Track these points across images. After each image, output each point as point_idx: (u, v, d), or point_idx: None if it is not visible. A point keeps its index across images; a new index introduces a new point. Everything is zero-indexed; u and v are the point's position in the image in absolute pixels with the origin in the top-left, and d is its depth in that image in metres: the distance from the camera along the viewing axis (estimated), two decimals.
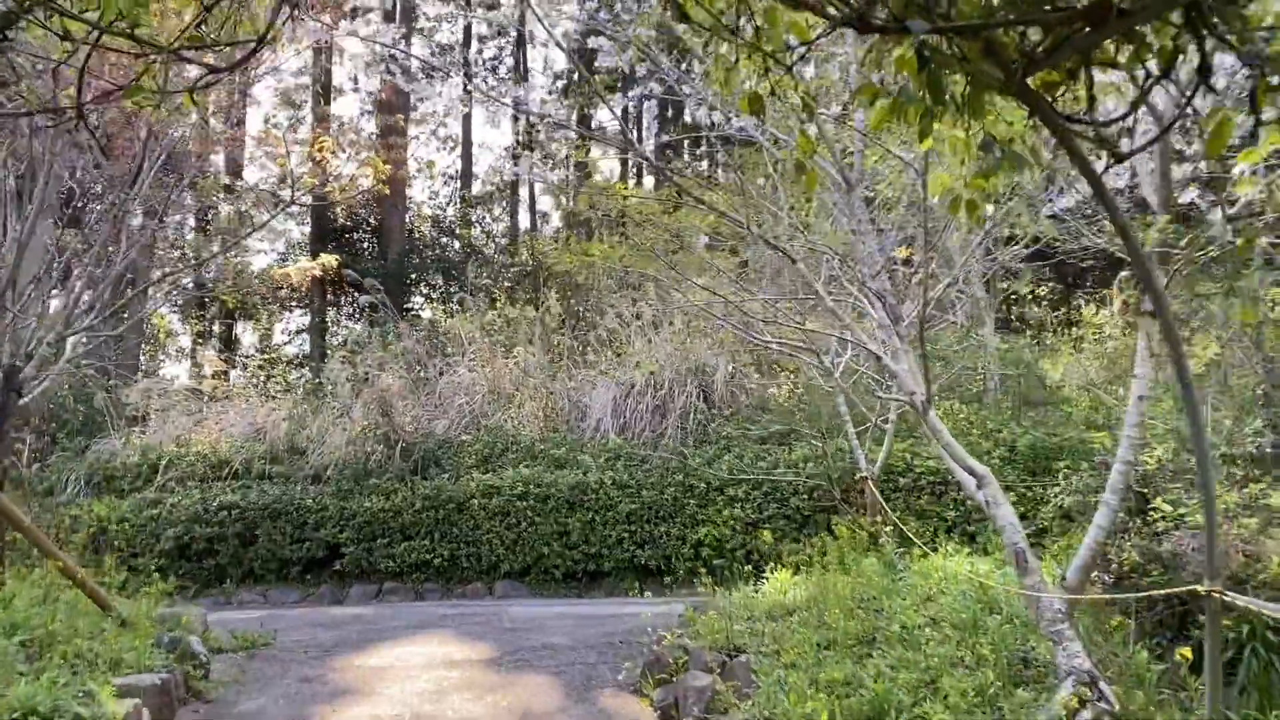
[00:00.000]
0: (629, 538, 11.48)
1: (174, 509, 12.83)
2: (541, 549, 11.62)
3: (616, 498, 11.57)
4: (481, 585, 11.95)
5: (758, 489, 11.24)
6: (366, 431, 13.06)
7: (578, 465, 12.20)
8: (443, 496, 12.12)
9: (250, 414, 14.56)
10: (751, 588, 7.50)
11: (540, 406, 13.74)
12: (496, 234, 31.83)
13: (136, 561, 12.80)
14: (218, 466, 13.72)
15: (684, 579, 11.43)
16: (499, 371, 14.38)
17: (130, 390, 14.64)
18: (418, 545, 12.10)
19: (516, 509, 11.77)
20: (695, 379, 12.96)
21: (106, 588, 12.99)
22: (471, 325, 15.73)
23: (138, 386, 14.62)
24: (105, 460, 14.08)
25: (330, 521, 12.47)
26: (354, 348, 15.08)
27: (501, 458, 12.77)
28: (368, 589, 12.34)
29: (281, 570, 12.69)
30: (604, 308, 15.15)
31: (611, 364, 13.93)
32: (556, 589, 11.63)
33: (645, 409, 12.70)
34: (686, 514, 11.43)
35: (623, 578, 11.63)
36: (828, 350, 7.96)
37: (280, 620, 8.84)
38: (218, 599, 12.62)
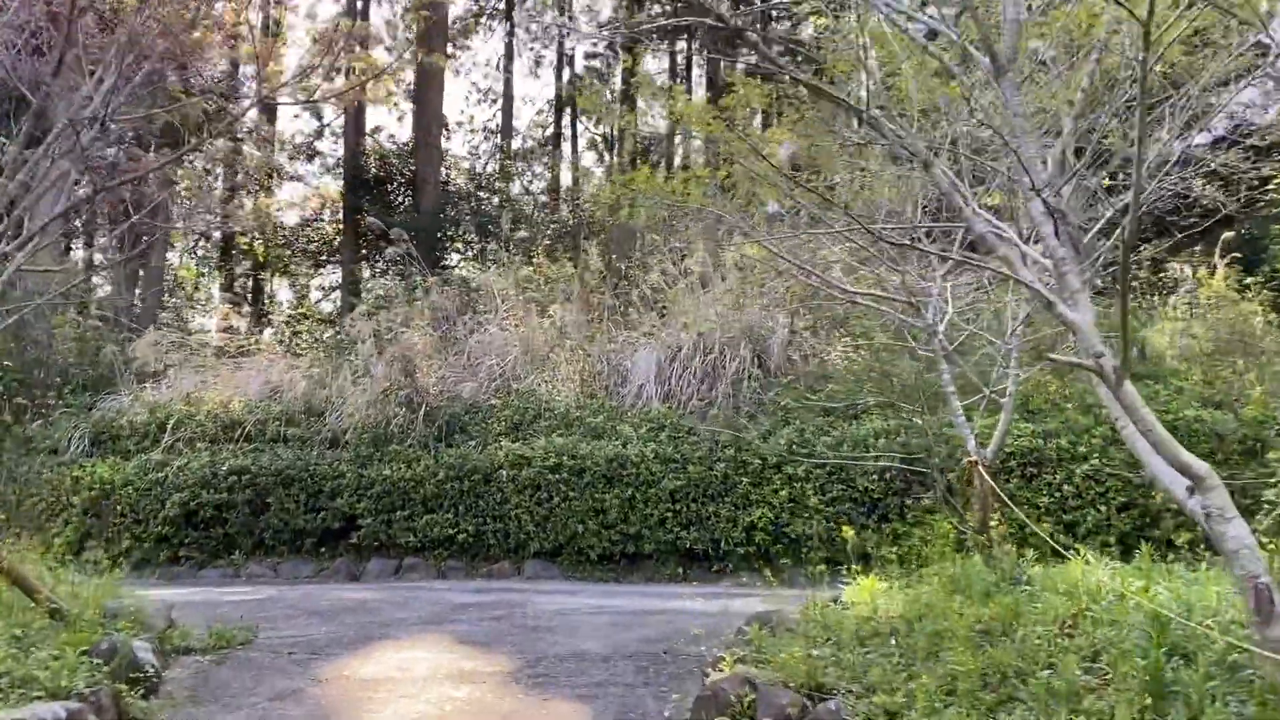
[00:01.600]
0: (673, 518, 10.28)
1: (181, 472, 11.86)
2: (575, 527, 10.46)
3: (659, 473, 10.37)
4: (509, 565, 10.83)
5: (821, 467, 9.97)
6: (388, 393, 11.95)
7: (617, 436, 10.99)
8: (468, 466, 10.99)
9: (267, 372, 13.51)
10: (828, 593, 6.22)
11: (577, 370, 12.54)
12: (537, 191, 30.61)
13: (140, 529, 11.88)
14: (230, 427, 12.72)
15: (735, 566, 10.23)
16: (533, 331, 13.18)
17: (138, 343, 13.64)
18: (440, 519, 11.00)
19: (548, 482, 10.61)
20: (749, 342, 11.67)
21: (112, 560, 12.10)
22: (505, 281, 14.53)
23: (145, 340, 13.61)
24: (111, 418, 13.14)
25: (347, 490, 11.42)
26: (378, 302, 13.95)
27: (533, 425, 11.60)
28: (386, 564, 11.28)
29: (295, 541, 11.69)
30: (648, 264, 13.86)
31: (655, 325, 12.67)
32: (590, 571, 10.48)
33: (693, 375, 11.44)
34: (738, 493, 10.19)
35: (664, 562, 10.45)
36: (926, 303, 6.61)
37: (276, 606, 7.77)
38: (225, 571, 11.67)
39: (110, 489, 12.00)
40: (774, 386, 11.27)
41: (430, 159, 21.98)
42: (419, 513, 11.12)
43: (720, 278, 12.28)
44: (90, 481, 12.10)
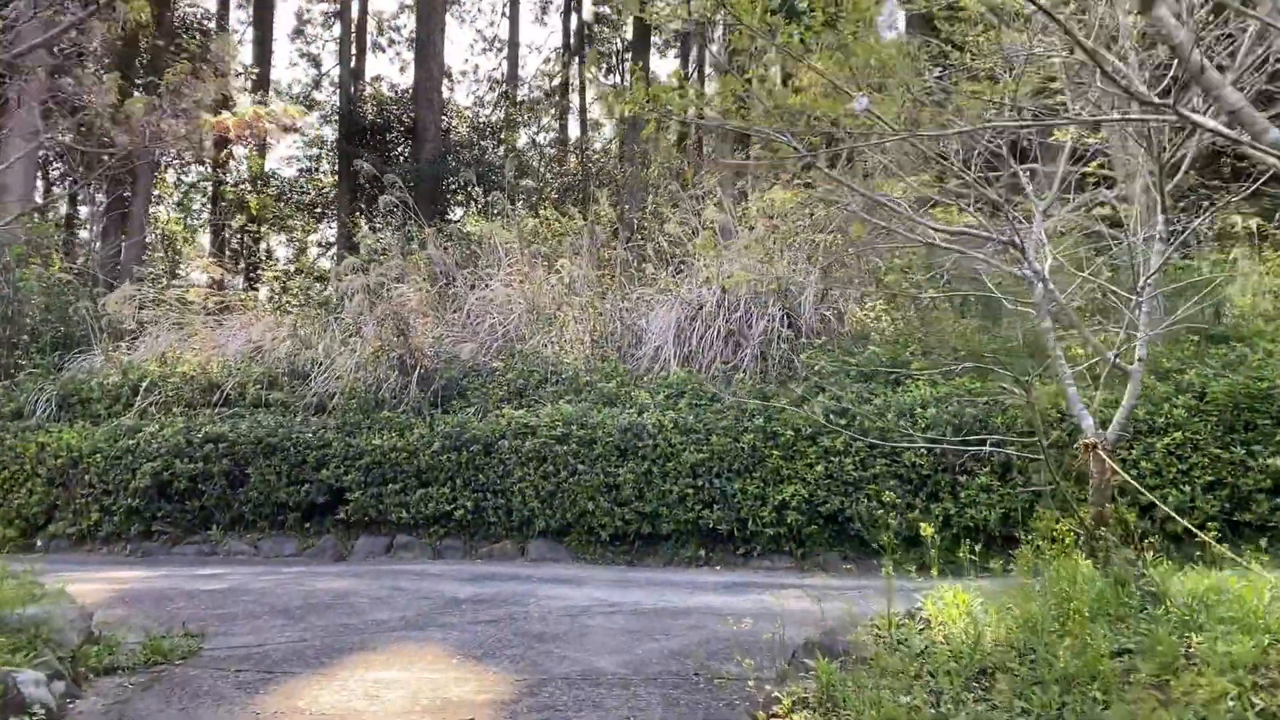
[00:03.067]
0: (694, 494, 9.19)
1: (153, 440, 10.79)
2: (585, 504, 9.38)
3: (679, 444, 9.26)
4: (511, 545, 9.78)
5: (861, 439, 8.85)
6: (379, 354, 10.85)
7: (631, 403, 9.88)
8: (466, 435, 9.90)
9: (249, 330, 12.41)
10: (900, 610, 5.11)
11: (587, 329, 11.41)
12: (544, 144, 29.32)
13: (109, 501, 10.85)
14: (207, 390, 11.66)
15: (763, 548, 9.16)
16: (539, 287, 12.04)
17: (108, 298, 12.53)
18: (436, 494, 9.93)
19: (555, 454, 9.52)
20: (778, 300, 10.51)
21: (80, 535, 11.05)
22: (510, 233, 13.36)
23: (116, 294, 12.50)
24: (81, 380, 12.07)
25: (334, 460, 10.35)
26: (370, 256, 12.80)
27: (538, 390, 10.49)
28: (376, 543, 10.25)
29: (276, 516, 10.64)
30: (664, 214, 12.66)
31: (673, 280, 11.51)
32: (601, 553, 9.43)
33: (716, 335, 10.31)
34: (768, 467, 9.09)
35: (684, 543, 9.38)
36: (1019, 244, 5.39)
37: (240, 600, 6.71)
38: (202, 548, 10.66)
39: (78, 457, 10.97)
40: (806, 348, 10.12)
41: (431, 105, 20.70)
42: (412, 486, 10.06)
43: (747, 228, 11.08)
44: (56, 449, 11.07)
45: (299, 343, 11.98)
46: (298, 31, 31.19)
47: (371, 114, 21.98)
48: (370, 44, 30.81)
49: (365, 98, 22.73)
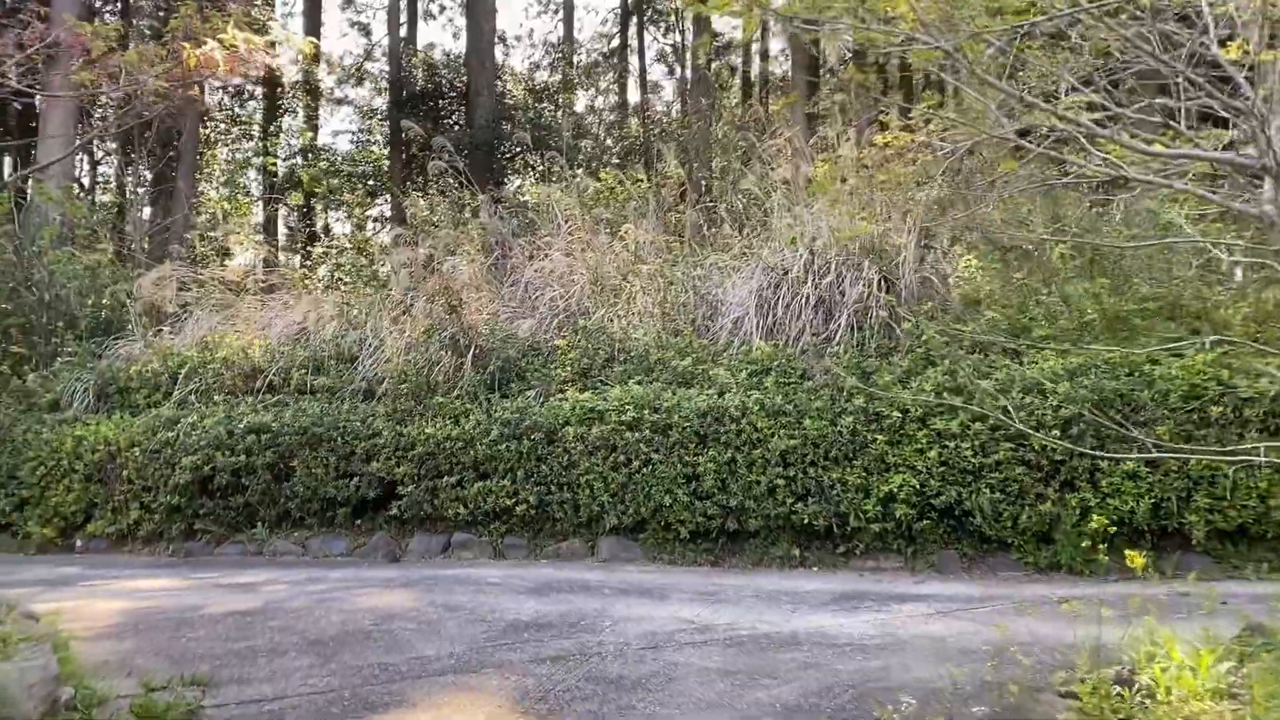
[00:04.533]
0: (785, 485, 8.06)
1: (192, 431, 9.97)
2: (661, 498, 8.31)
3: (766, 429, 8.13)
4: (580, 543, 8.77)
5: (980, 419, 7.62)
6: (429, 333, 9.86)
7: (710, 382, 8.76)
8: (527, 422, 8.88)
9: (294, 310, 11.53)
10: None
11: (656, 301, 10.29)
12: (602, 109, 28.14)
13: (149, 498, 10.08)
14: (250, 376, 10.80)
15: (868, 546, 8.00)
16: (603, 255, 10.93)
17: (142, 280, 11.74)
18: (495, 486, 8.94)
19: (626, 442, 8.45)
20: (873, 262, 9.27)
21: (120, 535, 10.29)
22: (569, 198, 12.25)
23: (150, 276, 11.69)
24: (120, 368, 11.30)
25: (384, 452, 9.41)
26: (420, 226, 11.81)
27: (605, 370, 9.42)
28: (432, 541, 9.33)
29: (325, 513, 9.76)
30: (738, 170, 11.44)
31: (752, 243, 10.32)
32: (681, 552, 8.36)
33: (804, 303, 9.11)
34: (871, 454, 7.92)
35: (775, 540, 8.26)
36: None
37: (266, 627, 5.77)
38: (246, 547, 9.85)
39: (115, 451, 10.21)
40: (908, 317, 8.87)
41: (484, 67, 19.60)
42: (469, 479, 9.09)
43: (839, 178, 9.81)
44: (94, 442, 10.32)
45: (346, 323, 11.08)
46: (348, 2, 30.35)
47: (422, 80, 21.02)
48: (422, 11, 29.85)
49: (416, 63, 21.76)
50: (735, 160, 11.84)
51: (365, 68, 29.32)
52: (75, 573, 8.85)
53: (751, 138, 11.99)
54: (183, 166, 16.59)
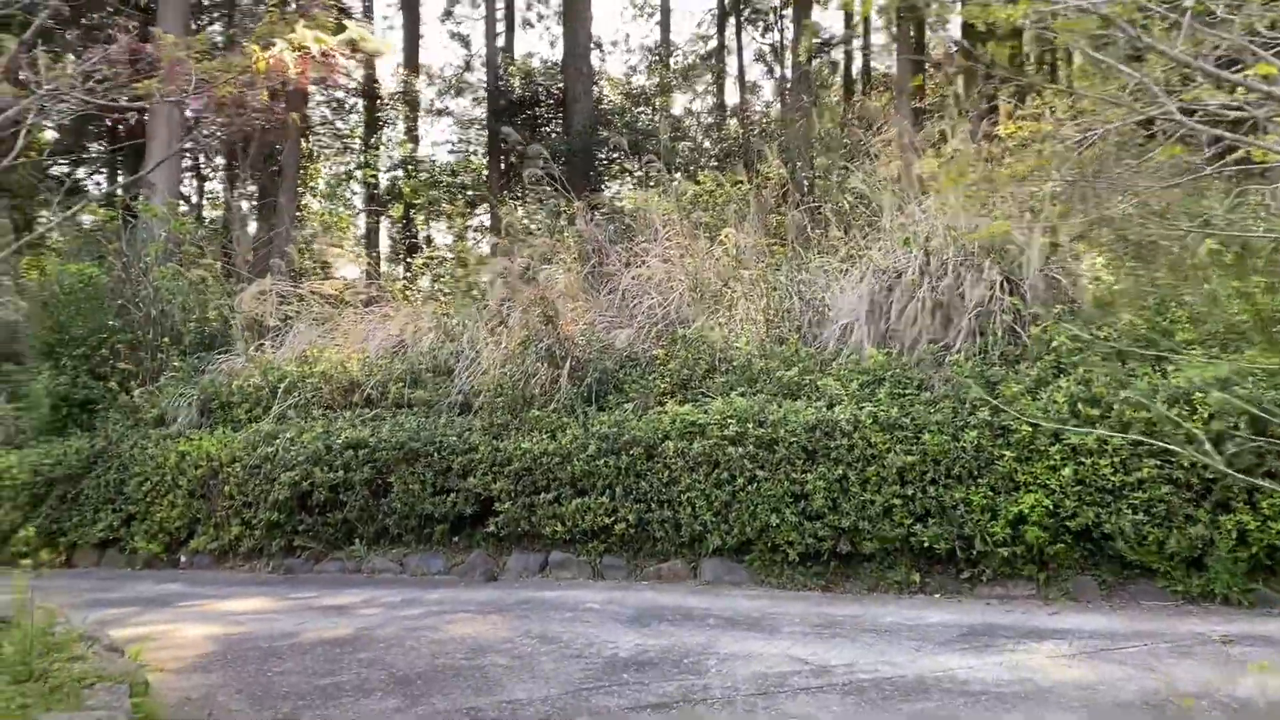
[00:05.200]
0: (902, 505, 7.48)
1: (291, 446, 9.91)
2: (767, 517, 7.81)
3: (881, 444, 7.56)
4: (682, 564, 8.34)
5: (1120, 433, 6.91)
6: (525, 345, 9.58)
7: (818, 394, 8.24)
8: (625, 437, 8.50)
9: (391, 323, 11.42)
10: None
11: (759, 307, 9.81)
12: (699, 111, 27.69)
13: (250, 514, 10.05)
14: (348, 390, 10.72)
15: (995, 572, 7.36)
16: (702, 261, 10.49)
17: (244, 295, 11.79)
18: (593, 504, 8.59)
19: (729, 458, 7.99)
20: (995, 262, 8.60)
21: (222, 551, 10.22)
22: (667, 203, 11.85)
23: (251, 290, 11.74)
24: (222, 383, 11.36)
25: (480, 467, 9.16)
26: (517, 235, 11.58)
27: (706, 381, 8.98)
28: (530, 560, 9.03)
29: (422, 529, 9.57)
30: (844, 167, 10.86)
31: (861, 244, 9.74)
32: (790, 576, 7.85)
33: (920, 307, 8.50)
34: (998, 472, 7.28)
35: (891, 564, 7.68)
36: None
37: (354, 658, 5.50)
38: (346, 565, 9.73)
39: (217, 466, 10.23)
40: (1036, 320, 8.19)
41: (580, 73, 19.39)
42: (567, 496, 8.76)
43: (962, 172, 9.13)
44: (196, 458, 10.36)
45: (443, 335, 10.91)
46: (447, 13, 30.64)
47: (519, 88, 20.96)
48: (519, 20, 29.94)
49: (513, 71, 21.72)
50: (840, 158, 11.25)
51: (464, 78, 29.54)
52: (176, 591, 8.84)
53: (857, 133, 11.40)
54: (285, 181, 16.82)
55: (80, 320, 11.81)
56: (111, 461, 10.91)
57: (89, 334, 11.75)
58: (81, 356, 11.77)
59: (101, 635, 5.08)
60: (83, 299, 11.82)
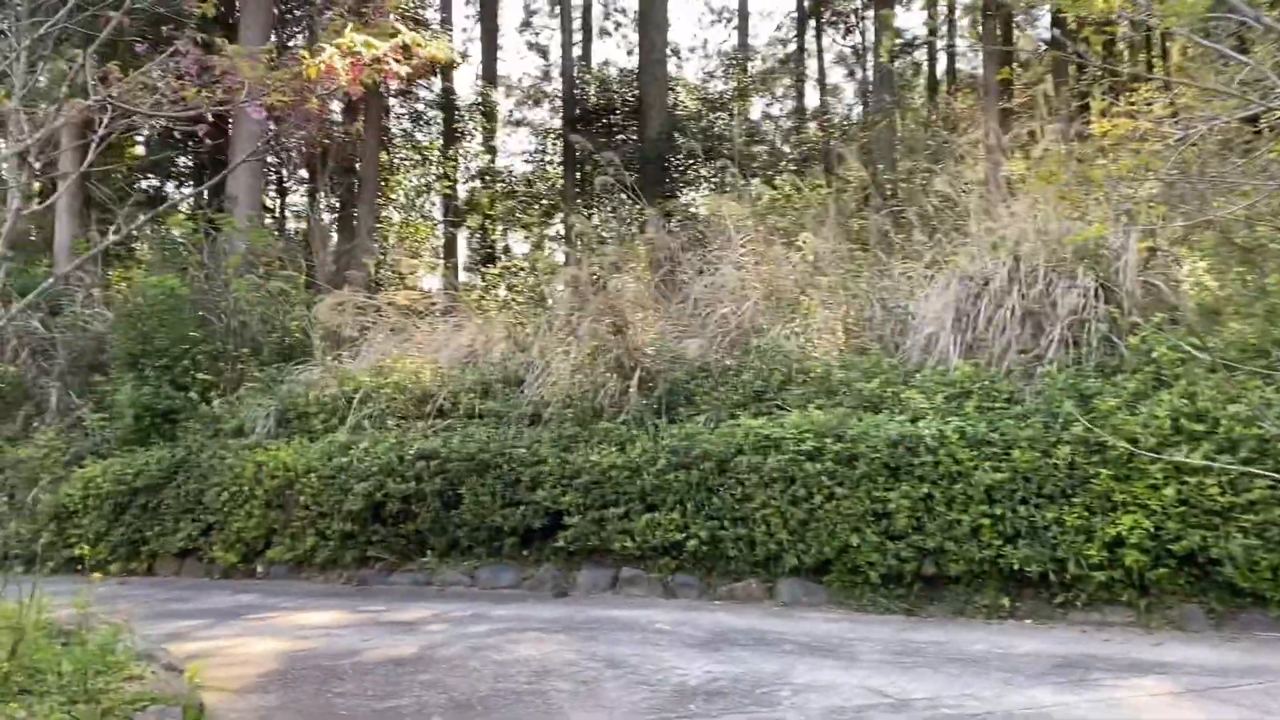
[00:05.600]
0: (990, 525, 7.07)
1: (365, 457, 9.88)
2: (847, 536, 7.47)
3: (968, 461, 7.17)
4: (757, 584, 8.04)
5: (1229, 450, 6.43)
6: (595, 355, 9.40)
7: (901, 407, 7.87)
8: (696, 450, 8.24)
9: (463, 333, 11.36)
10: None
11: (838, 315, 9.48)
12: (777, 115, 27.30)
13: (324, 524, 10.05)
14: (421, 401, 10.66)
15: (1091, 597, 6.90)
16: (778, 267, 10.19)
17: (320, 306, 11.86)
18: (664, 520, 8.34)
19: (806, 474, 7.66)
20: (1089, 268, 8.13)
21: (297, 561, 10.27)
22: (741, 208, 11.56)
23: (327, 302, 11.80)
24: (300, 393, 11.42)
25: (549, 480, 8.99)
26: (588, 243, 11.43)
27: (781, 393, 8.67)
28: (600, 576, 8.83)
29: (492, 541, 9.44)
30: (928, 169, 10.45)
31: (946, 250, 9.33)
32: (871, 598, 7.49)
33: (1009, 316, 8.07)
34: (1094, 491, 6.83)
35: (979, 587, 7.28)
36: None
37: (415, 681, 5.35)
38: (417, 577, 9.66)
39: (293, 477, 10.26)
40: (1134, 329, 7.70)
41: (655, 79, 19.20)
42: (637, 510, 8.53)
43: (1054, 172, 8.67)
44: (272, 468, 10.40)
45: (514, 345, 10.80)
46: (525, 24, 30.82)
47: (594, 96, 20.89)
48: (596, 30, 29.95)
49: (588, 79, 21.68)
50: (924, 160, 10.84)
51: (542, 88, 29.65)
52: (249, 602, 8.86)
53: (943, 134, 10.97)
54: (364, 192, 17.00)
55: (163, 331, 12.00)
56: (191, 471, 11.03)
57: (171, 345, 11.93)
58: (164, 367, 11.95)
59: (160, 654, 5.02)
60: (165, 310, 12.01)
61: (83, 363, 13.41)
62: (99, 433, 12.24)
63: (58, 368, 13.30)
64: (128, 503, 11.26)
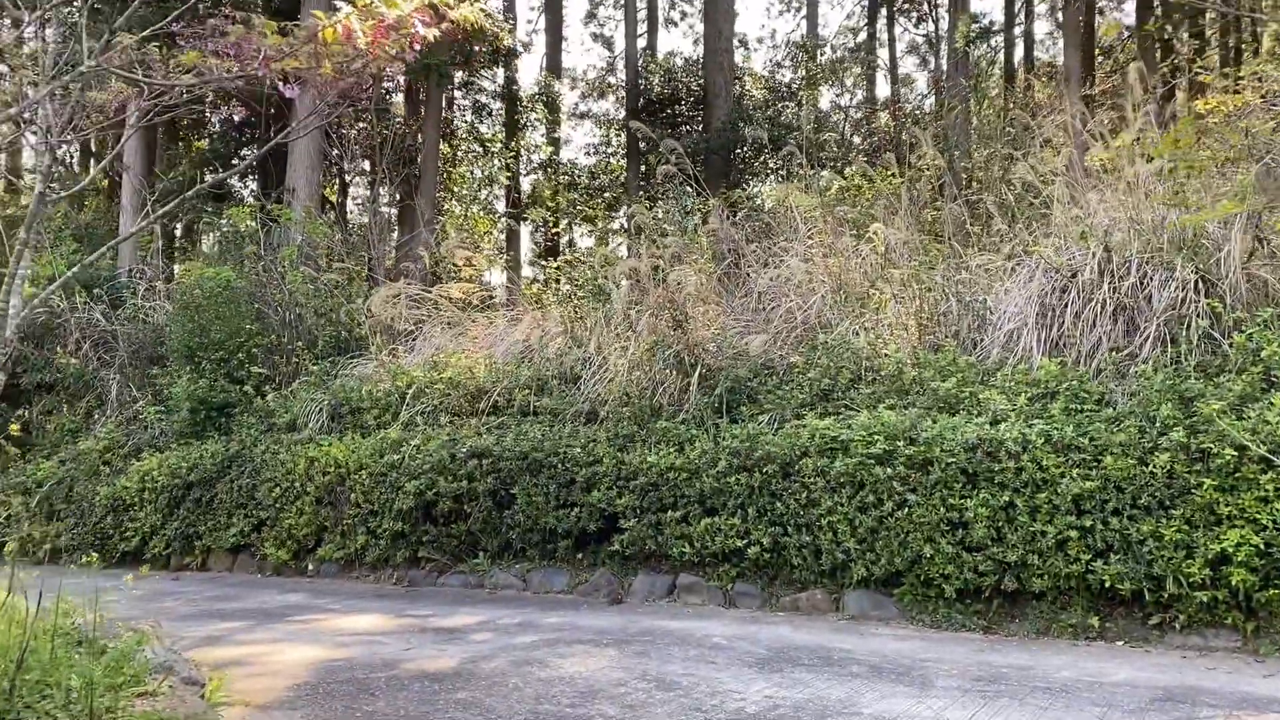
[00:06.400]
0: (1078, 538, 6.49)
1: (417, 454, 9.62)
2: (920, 547, 6.96)
3: (1054, 468, 6.59)
4: (822, 595, 7.56)
5: None
6: (654, 350, 8.99)
7: (979, 408, 7.32)
8: (759, 452, 7.78)
9: (518, 328, 11.03)
10: None
11: (911, 310, 8.92)
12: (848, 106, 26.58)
13: (375, 523, 9.82)
14: (475, 397, 10.38)
15: (1191, 619, 6.29)
16: (847, 260, 9.66)
17: (372, 298, 11.63)
18: (724, 525, 7.90)
19: (875, 479, 7.16)
20: (1187, 259, 7.47)
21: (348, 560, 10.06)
22: (810, 199, 11.04)
23: (380, 295, 11.56)
24: (353, 388, 11.22)
25: (604, 481, 8.62)
26: (647, 234, 11.00)
27: (849, 392, 8.16)
28: (656, 582, 8.44)
29: (545, 544, 9.12)
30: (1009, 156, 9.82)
31: (1029, 241, 8.70)
32: (946, 614, 6.96)
33: (1098, 310, 7.45)
34: (1195, 502, 6.21)
35: (1065, 605, 6.71)
36: None
37: (454, 697, 4.99)
38: (469, 579, 9.40)
39: (345, 474, 10.06)
40: (1239, 326, 7.04)
41: (721, 67, 18.70)
42: (695, 514, 8.10)
43: (1141, 157, 8.04)
44: (324, 464, 10.21)
45: (571, 340, 10.44)
46: (590, 15, 30.50)
47: (659, 85, 20.43)
48: (662, 19, 29.50)
49: (653, 69, 21.23)
50: (1003, 145, 10.20)
51: (607, 80, 29.30)
52: (295, 602, 8.64)
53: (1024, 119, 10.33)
54: (423, 183, 16.81)
55: (219, 324, 11.90)
56: (244, 466, 10.90)
57: (227, 338, 11.83)
58: (220, 360, 11.86)
59: (181, 665, 4.74)
60: (221, 303, 11.91)
61: (143, 355, 13.41)
62: (156, 426, 12.19)
63: (119, 360, 13.30)
64: (182, 497, 11.19)
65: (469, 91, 22.02)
